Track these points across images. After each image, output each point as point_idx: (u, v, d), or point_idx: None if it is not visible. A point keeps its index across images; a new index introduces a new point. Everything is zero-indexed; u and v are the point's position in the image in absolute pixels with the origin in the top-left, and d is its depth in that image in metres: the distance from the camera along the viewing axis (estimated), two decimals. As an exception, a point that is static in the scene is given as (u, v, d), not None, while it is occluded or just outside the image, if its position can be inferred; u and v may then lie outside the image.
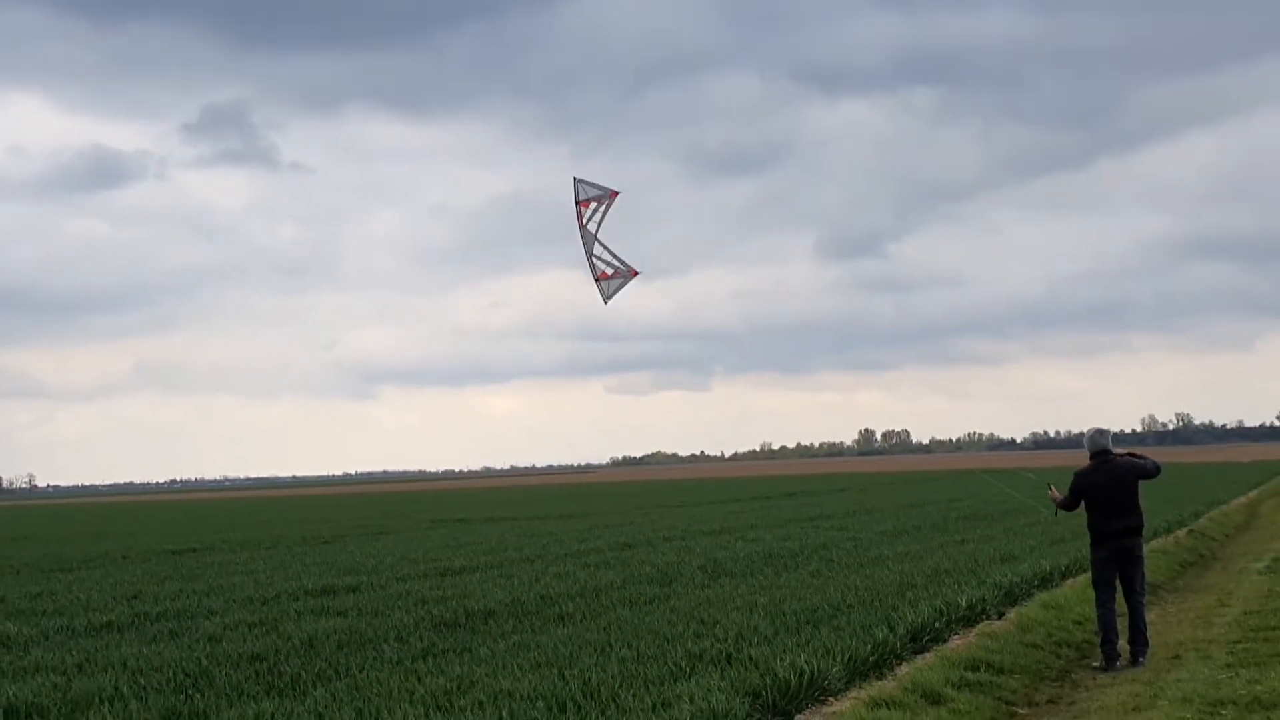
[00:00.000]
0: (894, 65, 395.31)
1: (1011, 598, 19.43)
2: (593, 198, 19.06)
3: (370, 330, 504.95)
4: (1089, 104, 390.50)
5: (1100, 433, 15.79)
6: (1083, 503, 15.72)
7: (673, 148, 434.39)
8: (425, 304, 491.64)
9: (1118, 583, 15.42)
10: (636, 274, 19.34)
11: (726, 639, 15.65)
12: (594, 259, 18.98)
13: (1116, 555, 15.32)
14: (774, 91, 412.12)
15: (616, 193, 19.05)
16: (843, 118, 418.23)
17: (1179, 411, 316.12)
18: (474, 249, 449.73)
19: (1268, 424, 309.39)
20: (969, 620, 17.29)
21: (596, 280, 19.09)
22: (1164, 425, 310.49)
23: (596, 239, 18.88)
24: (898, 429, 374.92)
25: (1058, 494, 16.43)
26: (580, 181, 18.94)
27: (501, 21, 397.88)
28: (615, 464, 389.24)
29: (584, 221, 18.94)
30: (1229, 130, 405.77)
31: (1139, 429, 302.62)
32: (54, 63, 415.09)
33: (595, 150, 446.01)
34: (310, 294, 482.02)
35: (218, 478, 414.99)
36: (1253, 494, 52.95)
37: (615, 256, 19.06)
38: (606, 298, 19.21)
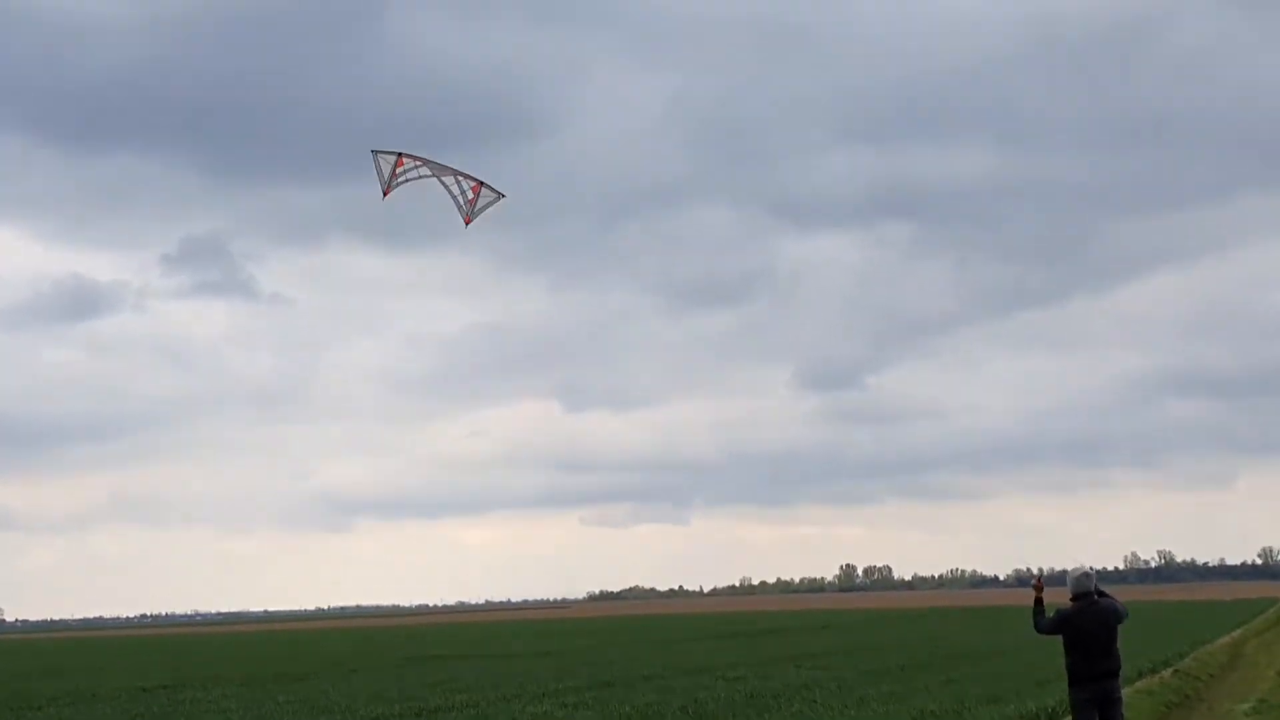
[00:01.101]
0: (867, 199, 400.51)
1: (998, 741, 19.12)
2: (388, 165, 18.74)
3: (346, 461, 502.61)
4: (1062, 240, 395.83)
5: (1086, 575, 15.62)
6: (1062, 642, 15.48)
7: (650, 279, 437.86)
8: (402, 434, 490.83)
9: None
10: (500, 196, 19.12)
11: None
12: (456, 184, 18.68)
13: (1097, 698, 15.10)
14: (749, 224, 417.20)
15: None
16: (818, 250, 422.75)
17: (1161, 549, 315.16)
18: (451, 379, 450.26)
19: (1250, 562, 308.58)
20: (955, 765, 16.99)
21: (461, 199, 18.72)
22: (1146, 563, 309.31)
23: (445, 167, 18.58)
24: (879, 565, 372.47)
25: (1043, 588, 15.86)
26: (376, 153, 18.70)
27: (480, 153, 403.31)
28: (592, 599, 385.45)
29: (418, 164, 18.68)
30: (1202, 268, 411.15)
31: (1121, 566, 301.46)
32: (34, 194, 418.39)
33: (573, 281, 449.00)
34: (287, 424, 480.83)
35: (189, 612, 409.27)
36: (1236, 633, 52.52)
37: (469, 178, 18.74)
38: (472, 213, 18.87)
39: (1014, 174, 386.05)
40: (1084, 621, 15.23)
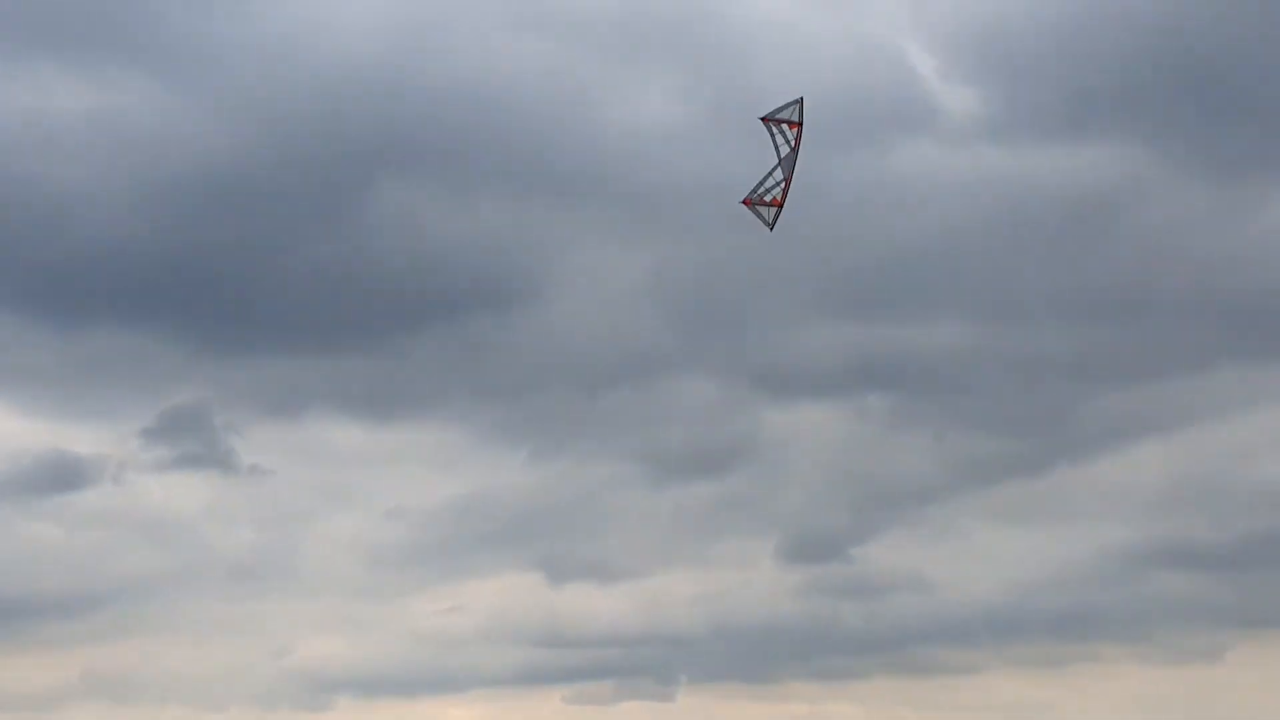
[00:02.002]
0: (847, 371, 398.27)
1: None
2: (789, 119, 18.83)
3: (325, 637, 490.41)
4: (1042, 412, 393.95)
5: None
6: None
7: (632, 450, 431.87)
8: (381, 609, 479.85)
9: None
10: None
11: None
12: (785, 181, 18.51)
13: None
14: (730, 395, 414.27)
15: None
16: (800, 422, 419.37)
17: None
18: (431, 552, 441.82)
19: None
20: None
21: (765, 202, 18.56)
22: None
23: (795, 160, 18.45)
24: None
25: None
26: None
27: (460, 325, 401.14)
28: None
29: (792, 146, 18.67)
30: (1181, 440, 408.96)
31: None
32: (20, 369, 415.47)
33: (555, 452, 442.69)
34: (265, 599, 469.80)
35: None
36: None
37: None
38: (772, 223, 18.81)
39: (993, 345, 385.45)
40: None
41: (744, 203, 19.52)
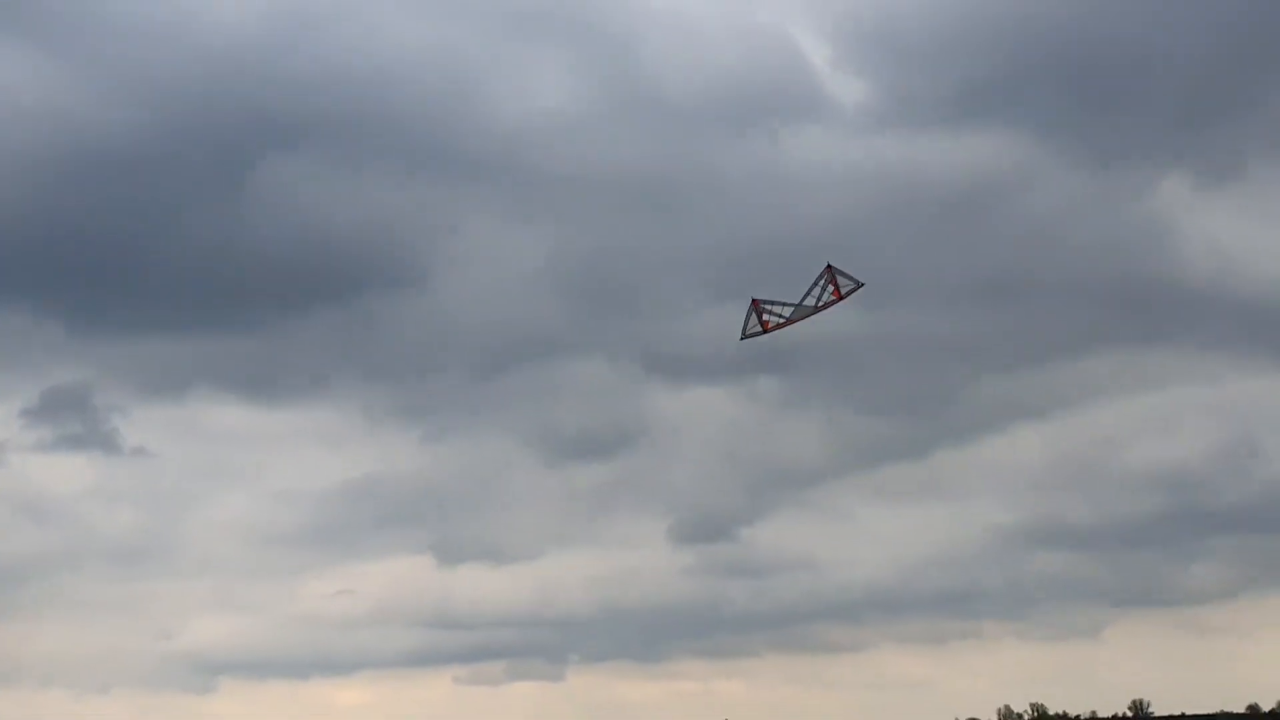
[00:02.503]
0: (737, 355, 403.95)
1: None
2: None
3: (210, 619, 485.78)
4: (926, 395, 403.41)
5: None
6: None
7: (525, 432, 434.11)
8: (269, 591, 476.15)
9: None
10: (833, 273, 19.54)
11: None
12: (819, 304, 19.36)
13: None
14: (623, 378, 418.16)
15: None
16: (691, 404, 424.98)
17: (1033, 701, 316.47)
18: (321, 534, 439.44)
19: (1120, 714, 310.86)
20: None
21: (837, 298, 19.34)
22: (1019, 715, 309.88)
23: (800, 304, 19.25)
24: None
25: None
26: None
27: (349, 306, 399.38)
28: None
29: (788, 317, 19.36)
30: (1060, 423, 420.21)
31: (995, 719, 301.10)
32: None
33: (447, 433, 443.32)
34: (149, 581, 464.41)
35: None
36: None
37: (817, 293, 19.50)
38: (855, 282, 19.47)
39: (879, 330, 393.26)
40: None
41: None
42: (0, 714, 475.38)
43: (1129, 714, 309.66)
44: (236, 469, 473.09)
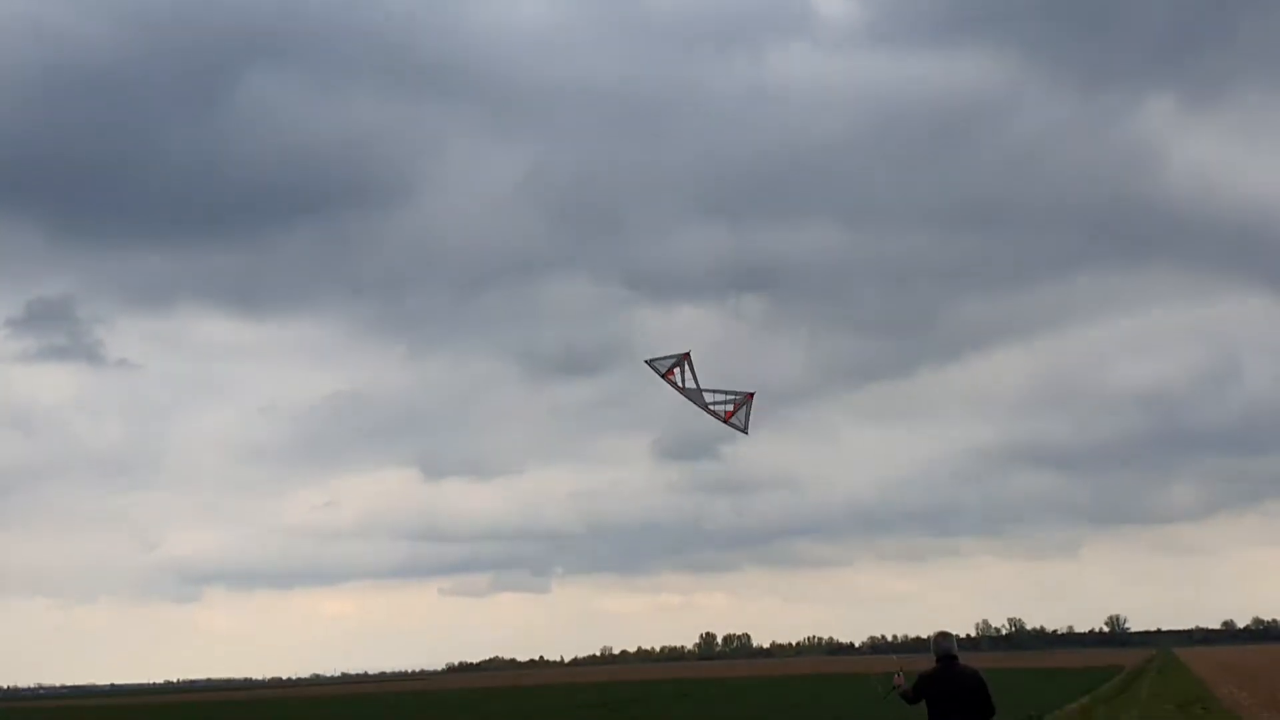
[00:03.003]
0: (721, 273, 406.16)
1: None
2: (671, 366, 20.28)
3: (196, 530, 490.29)
4: (909, 315, 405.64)
5: (944, 636, 16.09)
6: (925, 703, 15.85)
7: (509, 348, 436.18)
8: (254, 504, 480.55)
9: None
10: (751, 395, 20.42)
11: None
12: (710, 408, 20.18)
13: None
14: (606, 296, 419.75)
15: (687, 353, 20.49)
16: (675, 322, 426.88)
17: (1011, 617, 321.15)
18: (306, 447, 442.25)
19: (1098, 630, 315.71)
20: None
21: (725, 421, 20.12)
22: (997, 630, 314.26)
23: (700, 390, 20.00)
24: (738, 633, 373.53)
25: (903, 682, 16.68)
26: (651, 361, 20.21)
27: (333, 220, 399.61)
28: (452, 670, 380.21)
29: (682, 385, 20.10)
30: (1042, 344, 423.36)
31: (974, 634, 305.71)
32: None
33: (432, 349, 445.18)
34: (134, 493, 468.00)
35: (32, 685, 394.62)
36: (1084, 700, 53.62)
37: (722, 393, 20.25)
38: (745, 428, 20.33)
39: (864, 250, 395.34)
40: (944, 682, 15.57)
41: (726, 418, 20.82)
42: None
43: (1105, 630, 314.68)
44: (221, 382, 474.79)
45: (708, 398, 20.47)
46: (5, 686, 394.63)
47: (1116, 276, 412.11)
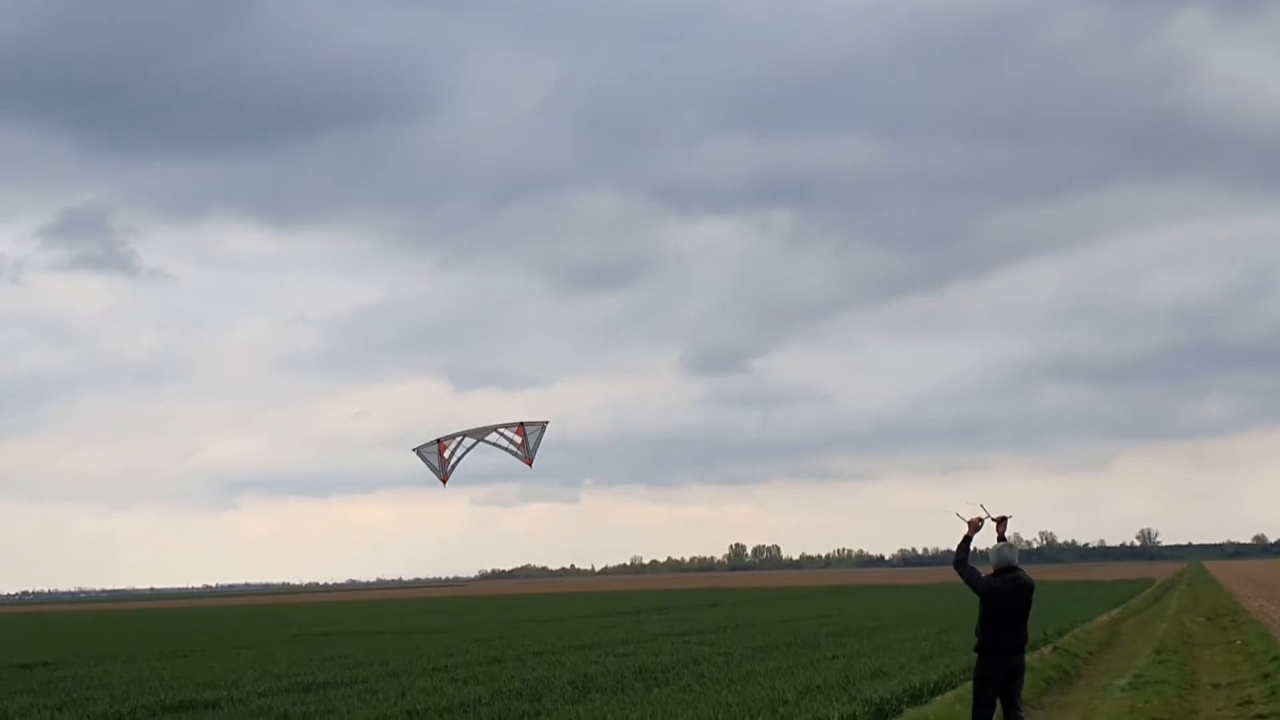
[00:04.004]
0: (749, 186, 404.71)
1: (881, 714, 19.45)
2: (438, 448, 20.00)
3: (231, 439, 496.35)
4: (940, 229, 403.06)
5: (1010, 547, 15.35)
6: (980, 612, 15.24)
7: (536, 261, 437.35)
8: (288, 413, 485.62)
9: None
10: (545, 423, 20.11)
11: (597, 756, 15.42)
12: (500, 431, 19.85)
13: (1003, 670, 15.10)
14: (633, 209, 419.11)
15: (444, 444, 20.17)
16: (703, 236, 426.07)
17: (1043, 530, 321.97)
18: (338, 358, 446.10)
19: (1128, 543, 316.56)
20: (840, 737, 17.25)
21: (515, 448, 19.82)
22: (1029, 544, 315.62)
23: (486, 429, 19.75)
24: (768, 544, 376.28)
25: (983, 517, 15.45)
26: (418, 450, 19.92)
27: (361, 133, 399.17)
28: (484, 577, 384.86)
29: (456, 446, 19.82)
30: (1075, 257, 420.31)
31: (988, 548, 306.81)
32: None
33: (460, 262, 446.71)
34: (169, 402, 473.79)
35: (72, 589, 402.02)
36: (1114, 612, 53.82)
37: (507, 426, 19.92)
38: (530, 456, 20.03)
39: (891, 163, 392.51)
40: (1007, 595, 15.07)
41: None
42: (28, 528, 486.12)
43: (1137, 543, 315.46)
44: (252, 293, 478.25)
45: (493, 437, 20.24)
46: (46, 590, 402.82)
47: (1149, 189, 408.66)
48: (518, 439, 19.83)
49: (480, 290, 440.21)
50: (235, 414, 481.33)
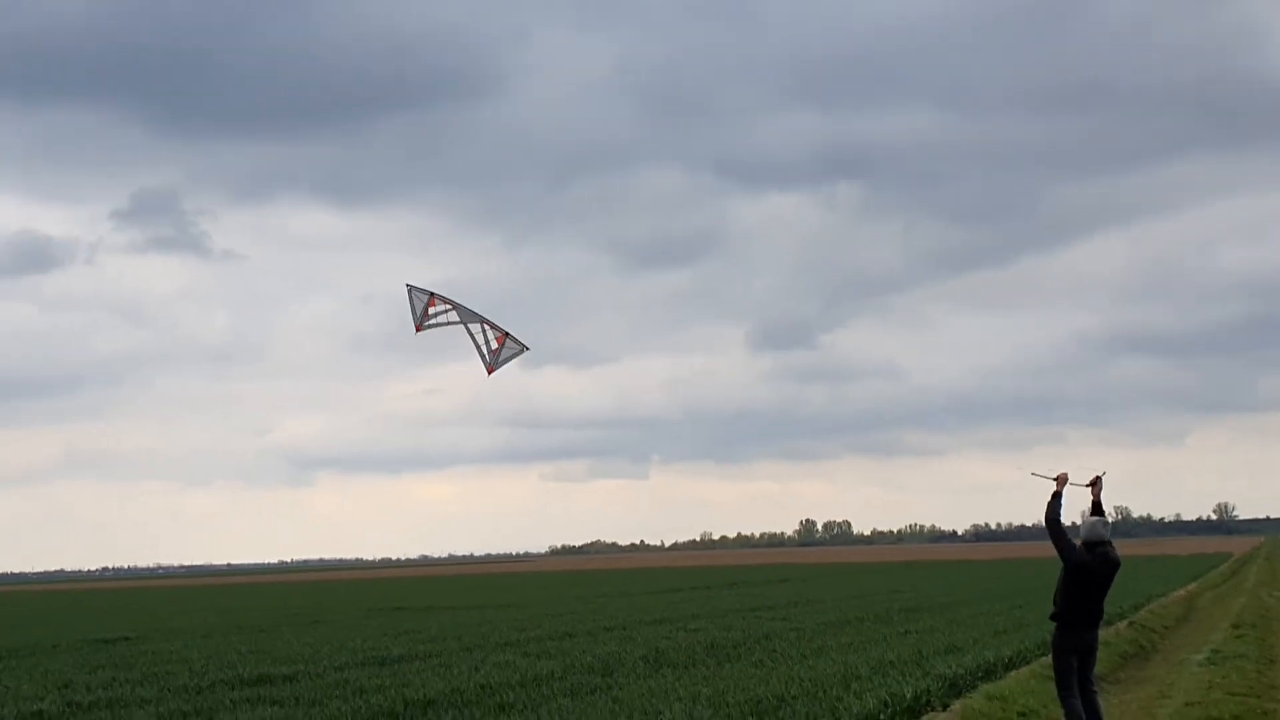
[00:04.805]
0: (815, 160, 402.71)
1: (955, 689, 19.36)
2: (421, 302, 19.74)
3: (304, 417, 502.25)
4: (1009, 201, 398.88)
5: (1103, 522, 15.15)
6: (1063, 582, 14.98)
7: (601, 239, 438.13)
8: (358, 391, 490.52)
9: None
10: (527, 348, 19.82)
11: (670, 730, 15.47)
12: (485, 330, 19.48)
13: (1080, 645, 14.98)
14: (698, 185, 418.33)
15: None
16: (768, 211, 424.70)
17: (1118, 505, 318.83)
18: (406, 336, 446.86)
19: (1204, 518, 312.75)
20: (913, 712, 17.20)
21: (486, 348, 19.45)
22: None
23: (477, 315, 19.44)
24: (839, 520, 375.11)
25: (1065, 485, 15.03)
26: (411, 288, 19.64)
27: (425, 113, 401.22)
28: (554, 553, 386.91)
29: (435, 310, 19.54)
30: (1144, 229, 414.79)
31: (1078, 522, 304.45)
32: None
33: (525, 240, 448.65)
34: (243, 381, 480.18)
35: (151, 565, 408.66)
36: (1191, 586, 53.23)
37: (496, 333, 19.57)
38: (495, 363, 19.61)
39: (958, 136, 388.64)
40: (1098, 569, 14.87)
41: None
42: (106, 506, 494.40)
43: (1213, 517, 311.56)
44: (322, 272, 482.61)
45: (475, 327, 19.88)
46: (125, 566, 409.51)
47: (1221, 159, 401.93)
48: (495, 345, 19.65)
49: (546, 268, 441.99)
50: (307, 392, 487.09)
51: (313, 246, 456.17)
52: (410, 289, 19.75)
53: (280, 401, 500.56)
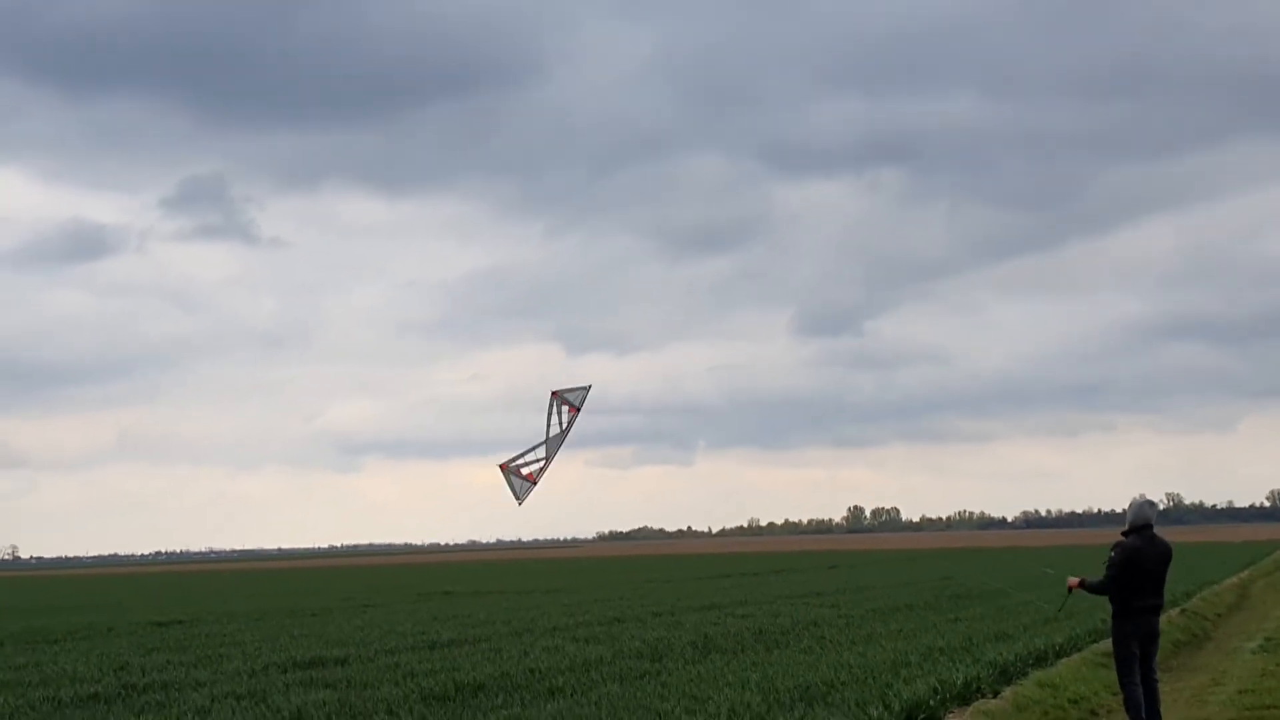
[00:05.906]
0: (859, 146, 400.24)
1: (1006, 676, 19.28)
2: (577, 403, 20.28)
3: (351, 402, 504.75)
4: (1054, 187, 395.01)
5: (1150, 505, 14.99)
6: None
7: (644, 225, 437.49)
8: (405, 377, 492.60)
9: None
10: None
11: (719, 715, 15.51)
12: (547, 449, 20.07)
13: (1141, 631, 14.83)
14: (741, 171, 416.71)
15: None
16: (812, 197, 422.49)
17: (1169, 492, 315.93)
18: (451, 323, 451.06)
19: (1257, 505, 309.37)
20: (964, 699, 17.14)
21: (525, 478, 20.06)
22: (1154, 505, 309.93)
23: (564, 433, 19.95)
24: (887, 506, 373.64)
25: (1077, 581, 15.54)
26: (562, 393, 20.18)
27: (469, 101, 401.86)
28: (602, 539, 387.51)
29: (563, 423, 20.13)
30: (1195, 214, 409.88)
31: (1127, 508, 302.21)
32: (32, 135, 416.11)
33: (569, 227, 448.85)
34: (291, 367, 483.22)
35: (203, 549, 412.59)
36: (1244, 574, 52.73)
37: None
38: (519, 496, 20.34)
39: (1002, 121, 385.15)
40: (1145, 555, 14.71)
41: (500, 466, 20.37)
42: (159, 490, 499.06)
43: (1266, 504, 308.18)
44: (368, 259, 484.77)
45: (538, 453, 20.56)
46: (179, 550, 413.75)
47: (1269, 143, 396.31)
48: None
49: (590, 255, 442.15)
50: (355, 378, 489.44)
51: (359, 234, 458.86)
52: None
53: (328, 387, 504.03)
